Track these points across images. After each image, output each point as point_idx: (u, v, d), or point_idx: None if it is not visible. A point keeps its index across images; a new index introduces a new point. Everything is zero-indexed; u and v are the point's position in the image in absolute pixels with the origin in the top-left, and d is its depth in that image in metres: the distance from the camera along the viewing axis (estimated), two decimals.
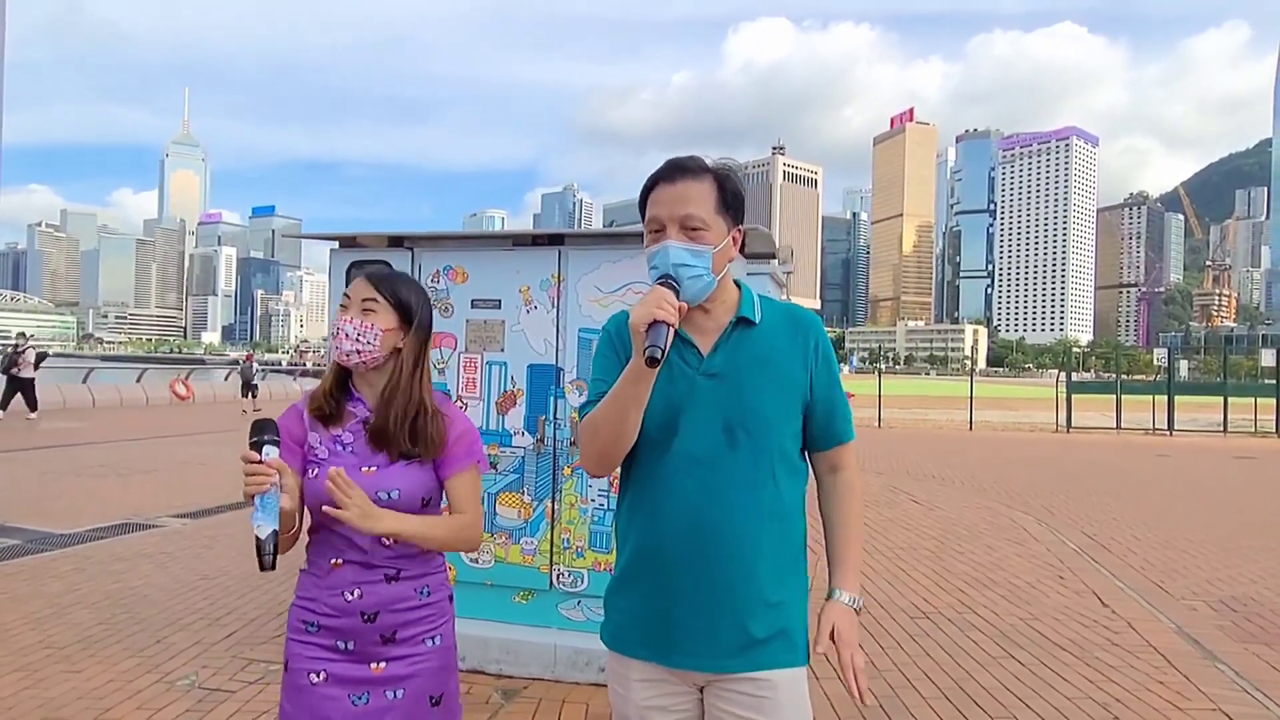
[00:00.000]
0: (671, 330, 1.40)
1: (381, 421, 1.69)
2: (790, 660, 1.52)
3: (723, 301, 1.57)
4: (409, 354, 1.75)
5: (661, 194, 1.51)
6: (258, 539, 1.48)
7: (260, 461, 1.50)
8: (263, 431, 1.54)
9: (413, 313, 1.75)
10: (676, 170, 1.52)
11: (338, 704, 1.63)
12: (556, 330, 3.76)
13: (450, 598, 1.79)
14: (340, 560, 1.66)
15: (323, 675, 1.64)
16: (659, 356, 1.37)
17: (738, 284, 1.62)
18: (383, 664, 1.66)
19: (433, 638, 1.71)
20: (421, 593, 1.70)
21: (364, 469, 1.66)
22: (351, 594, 1.64)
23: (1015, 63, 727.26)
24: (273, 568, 1.49)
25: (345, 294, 1.75)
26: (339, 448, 1.68)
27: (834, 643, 1.50)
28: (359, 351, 1.68)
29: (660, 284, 1.45)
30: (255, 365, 23.73)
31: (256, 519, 1.49)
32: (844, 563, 1.59)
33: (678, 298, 1.44)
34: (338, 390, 1.72)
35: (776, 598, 1.52)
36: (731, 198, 1.53)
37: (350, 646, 1.65)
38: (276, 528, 1.50)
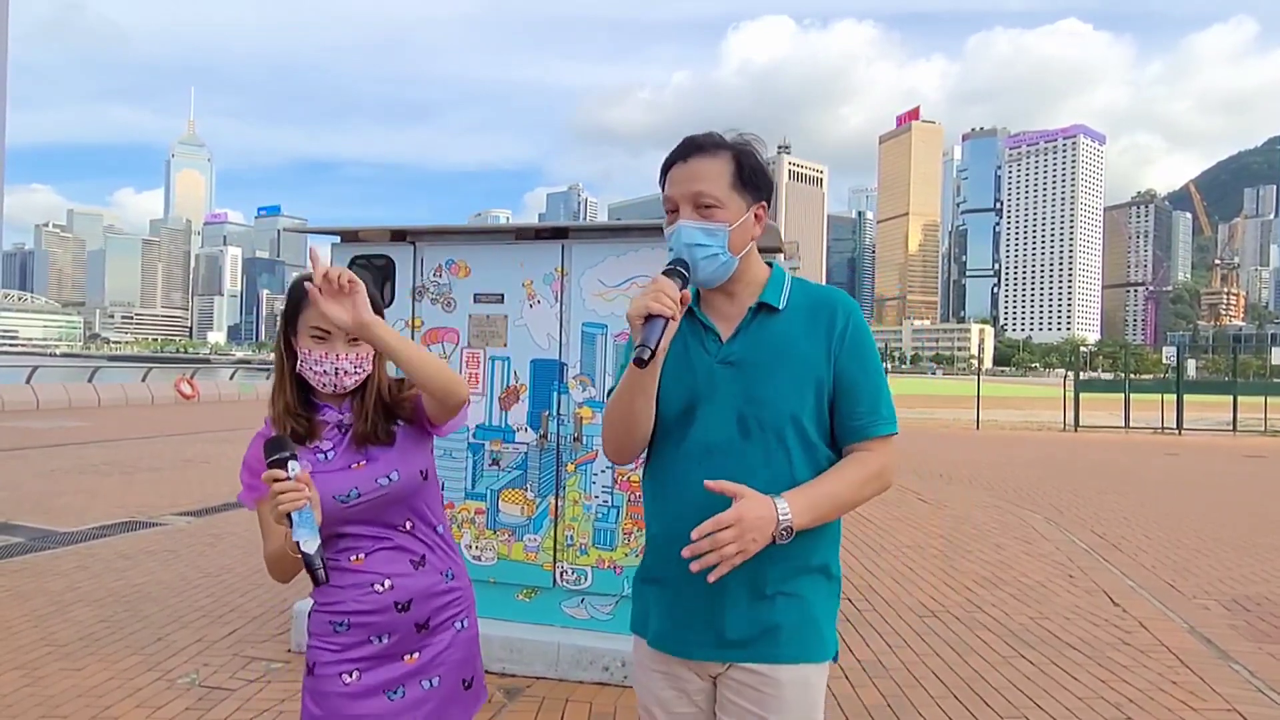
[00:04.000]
0: (672, 324, 1.35)
1: (364, 426, 1.65)
2: (802, 655, 1.47)
3: (748, 284, 1.52)
4: (381, 365, 1.70)
5: (676, 173, 1.48)
6: (306, 555, 1.44)
7: (289, 479, 1.46)
8: (281, 448, 1.48)
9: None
10: (691, 148, 1.47)
11: (374, 702, 1.60)
12: (560, 325, 3.72)
13: (470, 582, 1.79)
14: (362, 555, 1.63)
15: (356, 676, 1.61)
16: (647, 358, 1.32)
17: (771, 265, 1.57)
18: (416, 654, 1.64)
19: (461, 620, 1.71)
20: (447, 575, 1.69)
21: (354, 465, 1.63)
22: (382, 585, 1.61)
23: (1017, 60, 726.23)
24: (326, 580, 1.46)
25: (317, 326, 1.58)
26: (321, 458, 1.62)
27: (734, 509, 1.33)
28: (356, 380, 1.64)
29: (667, 272, 1.40)
30: None
31: (300, 535, 1.45)
32: (805, 487, 1.43)
33: (684, 285, 1.39)
34: (302, 407, 1.65)
35: (792, 589, 1.47)
36: (750, 174, 1.47)
37: (386, 640, 1.62)
38: (319, 540, 1.47)
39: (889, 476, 1.49)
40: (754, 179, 1.48)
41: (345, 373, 1.61)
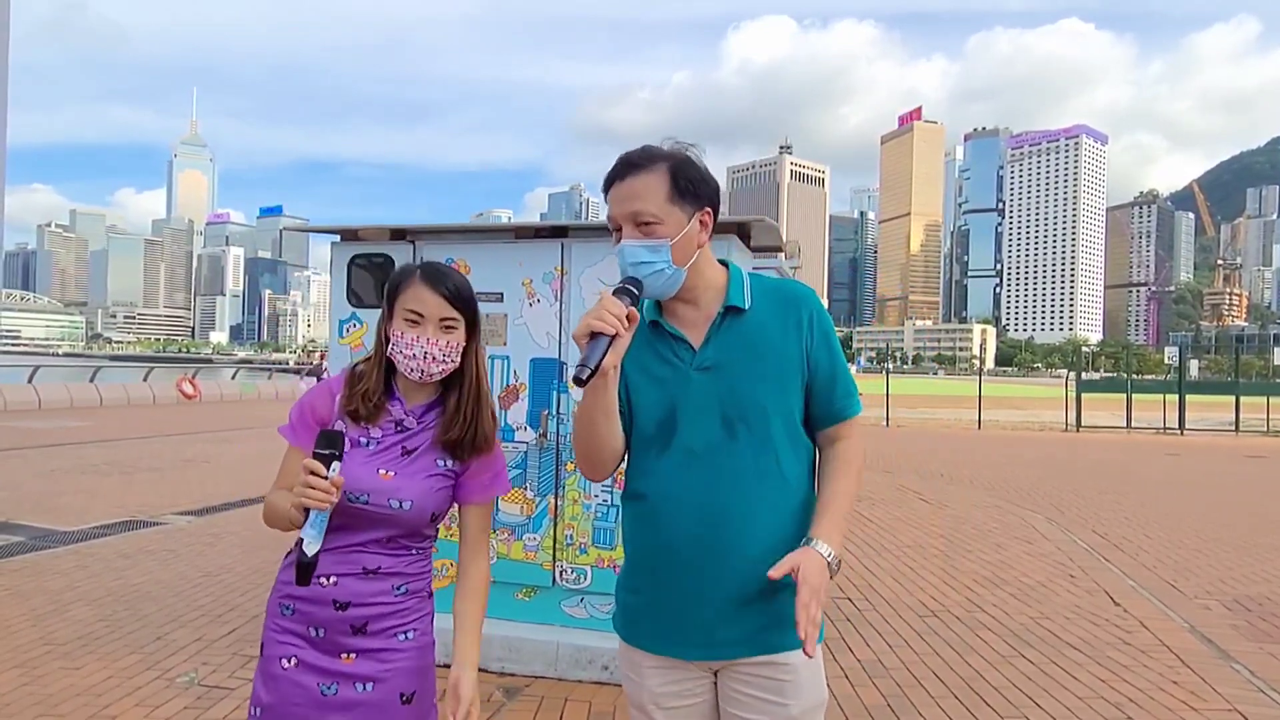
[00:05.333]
0: (619, 341, 1.36)
1: (459, 433, 1.64)
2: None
3: (707, 289, 1.53)
4: (477, 359, 1.69)
5: (615, 193, 1.49)
6: (304, 555, 1.45)
7: (326, 479, 1.46)
8: (332, 445, 1.48)
9: (478, 317, 1.69)
10: (626, 166, 1.48)
11: (307, 692, 1.59)
12: (560, 324, 3.71)
13: (430, 594, 1.74)
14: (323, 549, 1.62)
15: (293, 661, 1.61)
16: (585, 377, 1.33)
17: (725, 264, 1.58)
18: (352, 655, 1.61)
19: (406, 633, 1.66)
20: (398, 589, 1.65)
21: (381, 472, 1.61)
22: (326, 580, 1.60)
23: (1018, 59, 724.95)
24: (306, 584, 1.51)
25: (413, 310, 1.60)
26: (365, 444, 1.61)
27: (795, 580, 1.38)
28: (443, 370, 1.63)
29: (617, 291, 1.42)
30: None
31: (307, 535, 1.46)
32: (825, 515, 1.47)
33: (634, 302, 1.41)
34: (381, 391, 1.65)
35: (788, 580, 1.46)
36: (687, 184, 1.47)
37: (320, 634, 1.61)
38: (320, 546, 1.49)
39: (864, 456, 1.60)
40: (692, 188, 1.48)
41: (433, 359, 1.60)
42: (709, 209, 1.51)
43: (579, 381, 1.34)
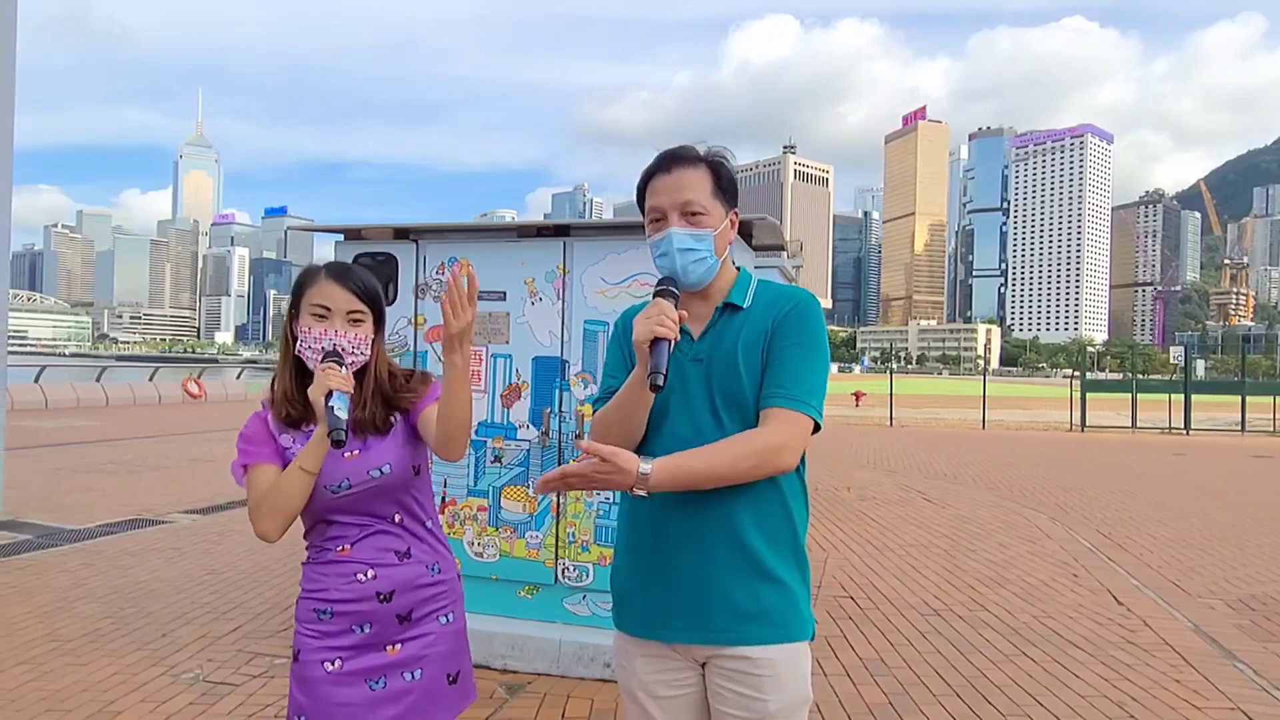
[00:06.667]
0: (672, 344, 1.44)
1: (361, 412, 1.68)
2: (787, 636, 1.52)
3: (719, 287, 1.61)
4: (380, 350, 1.75)
5: (659, 184, 1.56)
6: (335, 414, 1.54)
7: (341, 374, 1.60)
8: (338, 357, 1.63)
9: (383, 308, 1.76)
10: (672, 160, 1.56)
11: (355, 690, 1.62)
12: (562, 322, 3.72)
13: (459, 576, 1.81)
14: (348, 545, 1.66)
15: (338, 664, 1.63)
16: (661, 384, 1.40)
17: (738, 268, 1.65)
18: (398, 646, 1.66)
19: (446, 615, 1.73)
20: (433, 569, 1.72)
21: (347, 455, 1.65)
22: (365, 575, 1.64)
23: (1022, 58, 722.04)
24: (343, 443, 1.55)
25: (319, 304, 1.66)
26: (336, 450, 1.64)
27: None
28: (354, 363, 1.67)
29: (660, 294, 1.49)
30: None
31: (335, 403, 1.56)
32: (676, 455, 1.43)
33: (677, 304, 1.47)
34: (299, 392, 1.69)
35: (772, 574, 1.52)
36: (726, 183, 1.58)
37: (368, 629, 1.64)
38: (348, 414, 1.58)
39: (780, 457, 1.45)
40: (729, 187, 1.59)
41: (344, 350, 1.64)
42: (735, 211, 1.62)
43: (657, 388, 1.40)
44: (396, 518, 1.69)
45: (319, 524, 1.68)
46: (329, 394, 1.56)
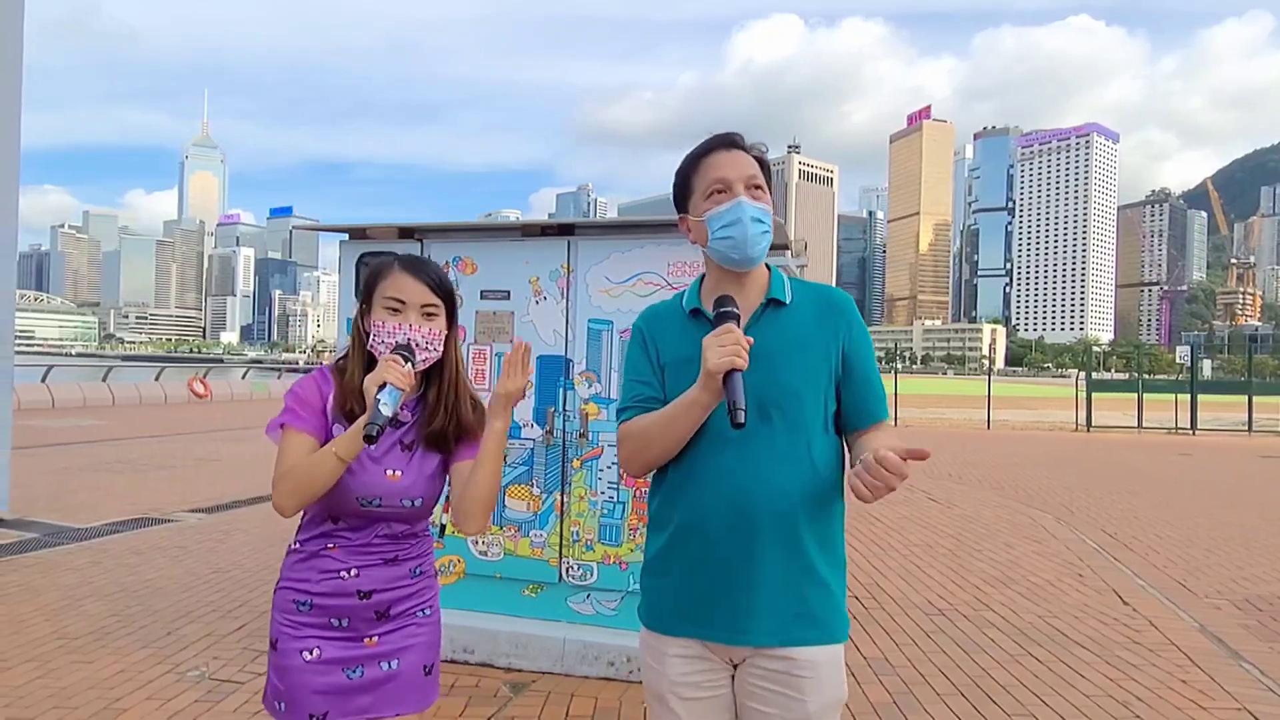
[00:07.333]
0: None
1: (442, 424, 1.66)
2: (829, 637, 1.51)
3: (754, 282, 1.60)
4: (456, 349, 1.72)
5: (722, 158, 1.56)
6: (381, 413, 1.50)
7: (404, 370, 1.55)
8: (409, 352, 1.59)
9: (456, 305, 1.72)
10: (731, 142, 1.58)
11: (332, 679, 1.63)
12: (566, 321, 3.73)
13: (435, 573, 1.81)
14: (336, 545, 1.65)
15: (316, 652, 1.63)
16: (743, 420, 1.35)
17: (767, 266, 1.65)
18: (375, 638, 1.66)
19: (424, 610, 1.73)
20: (414, 572, 1.72)
21: (389, 473, 1.63)
22: (348, 574, 1.64)
23: (1027, 57, 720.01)
24: (375, 440, 1.51)
25: (394, 297, 1.62)
26: (366, 447, 1.61)
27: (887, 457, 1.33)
28: (426, 359, 1.64)
29: (723, 316, 1.45)
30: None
31: (384, 398, 1.51)
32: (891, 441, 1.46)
33: (739, 322, 1.46)
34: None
35: (817, 573, 1.51)
36: (768, 175, 1.61)
37: (344, 624, 1.65)
38: (394, 413, 1.53)
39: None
40: (769, 181, 1.62)
41: (417, 345, 1.61)
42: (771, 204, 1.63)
43: (739, 425, 1.36)
44: (399, 531, 1.68)
45: (325, 519, 1.65)
46: (382, 386, 1.53)
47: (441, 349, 1.66)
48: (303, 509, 1.61)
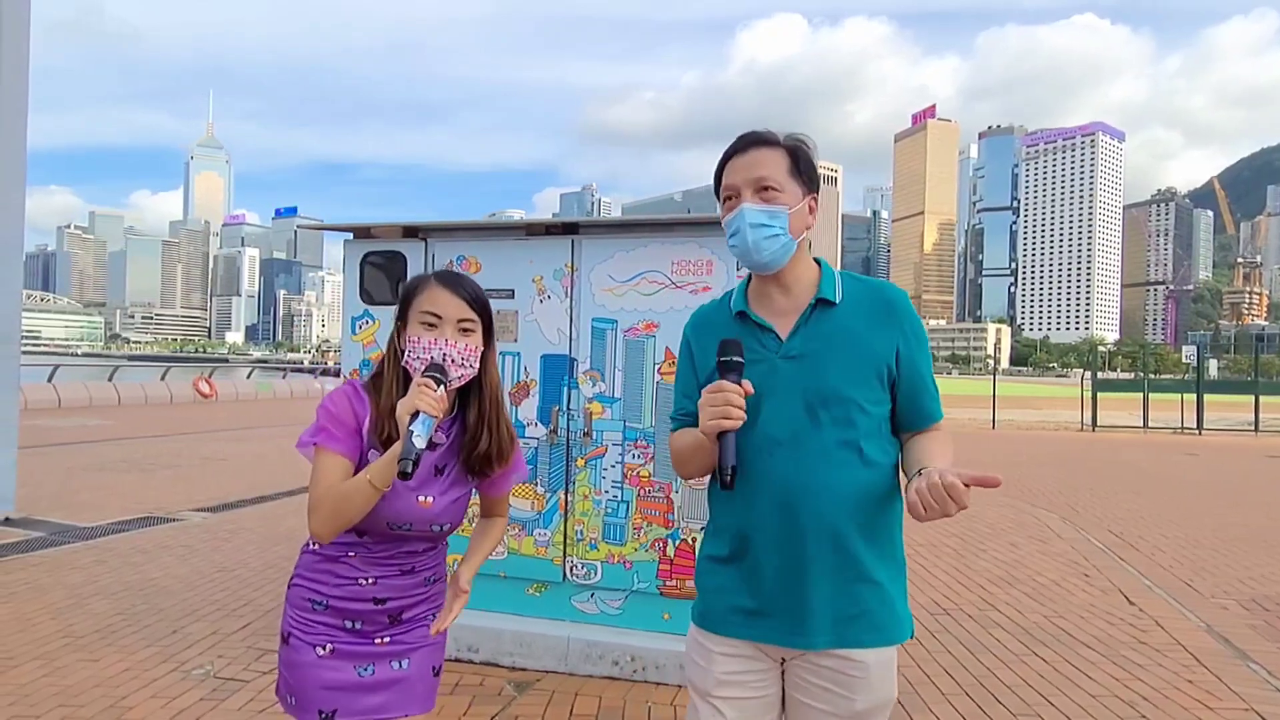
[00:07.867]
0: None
1: (486, 445, 1.65)
2: (883, 639, 1.50)
3: (799, 279, 1.57)
4: (494, 366, 1.68)
5: (736, 163, 1.55)
6: (413, 446, 1.43)
7: (437, 393, 1.50)
8: (441, 373, 1.54)
9: (493, 321, 1.68)
10: (749, 141, 1.55)
11: (344, 675, 1.64)
12: (570, 320, 3.72)
13: (445, 578, 1.82)
14: (355, 554, 1.65)
15: (329, 649, 1.64)
16: (731, 480, 1.39)
17: (818, 262, 1.62)
18: (386, 638, 1.68)
19: (434, 613, 1.75)
20: (429, 580, 1.74)
21: (421, 499, 1.61)
22: (366, 580, 1.65)
23: (1031, 55, 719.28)
24: (409, 476, 1.45)
25: (429, 312, 1.58)
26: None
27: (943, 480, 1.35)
28: (463, 376, 1.60)
29: (726, 365, 1.44)
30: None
31: (417, 429, 1.45)
32: (934, 457, 1.49)
33: (742, 372, 1.44)
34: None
35: (871, 574, 1.49)
36: (805, 166, 1.55)
37: (357, 626, 1.66)
38: (426, 445, 1.47)
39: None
40: (808, 170, 1.56)
41: (452, 361, 1.57)
42: (815, 196, 1.58)
43: (727, 486, 1.39)
44: (421, 548, 1.70)
45: (349, 531, 1.62)
46: (415, 414, 1.47)
47: (477, 365, 1.62)
48: (336, 536, 1.58)
